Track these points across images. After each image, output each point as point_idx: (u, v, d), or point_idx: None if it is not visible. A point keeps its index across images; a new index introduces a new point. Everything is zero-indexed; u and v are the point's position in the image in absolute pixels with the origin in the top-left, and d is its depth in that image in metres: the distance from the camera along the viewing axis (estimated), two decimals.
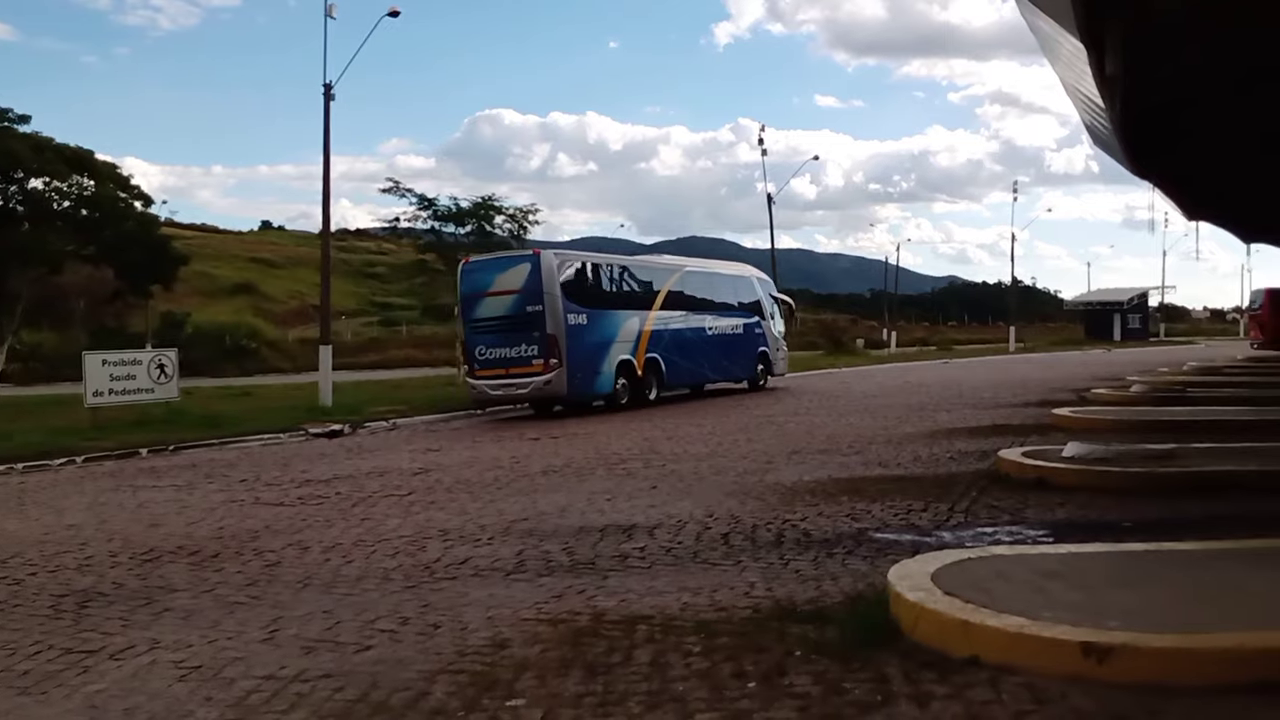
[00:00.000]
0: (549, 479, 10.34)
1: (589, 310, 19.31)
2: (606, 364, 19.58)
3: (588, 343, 19.09)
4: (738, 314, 24.47)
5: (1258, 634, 4.11)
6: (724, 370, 23.84)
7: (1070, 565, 5.38)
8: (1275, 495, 8.22)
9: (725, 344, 23.63)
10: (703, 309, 23.06)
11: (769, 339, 25.56)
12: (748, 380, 24.62)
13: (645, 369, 20.57)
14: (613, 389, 19.76)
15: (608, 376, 19.62)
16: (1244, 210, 31.11)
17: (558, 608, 5.47)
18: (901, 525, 7.50)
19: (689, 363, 22.12)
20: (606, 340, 19.68)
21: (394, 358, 44.88)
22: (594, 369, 19.29)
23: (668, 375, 21.34)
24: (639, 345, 20.49)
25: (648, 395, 20.68)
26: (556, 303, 18.43)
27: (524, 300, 18.58)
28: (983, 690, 3.99)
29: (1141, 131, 15.84)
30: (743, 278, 25.88)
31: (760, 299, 25.69)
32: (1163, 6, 11.01)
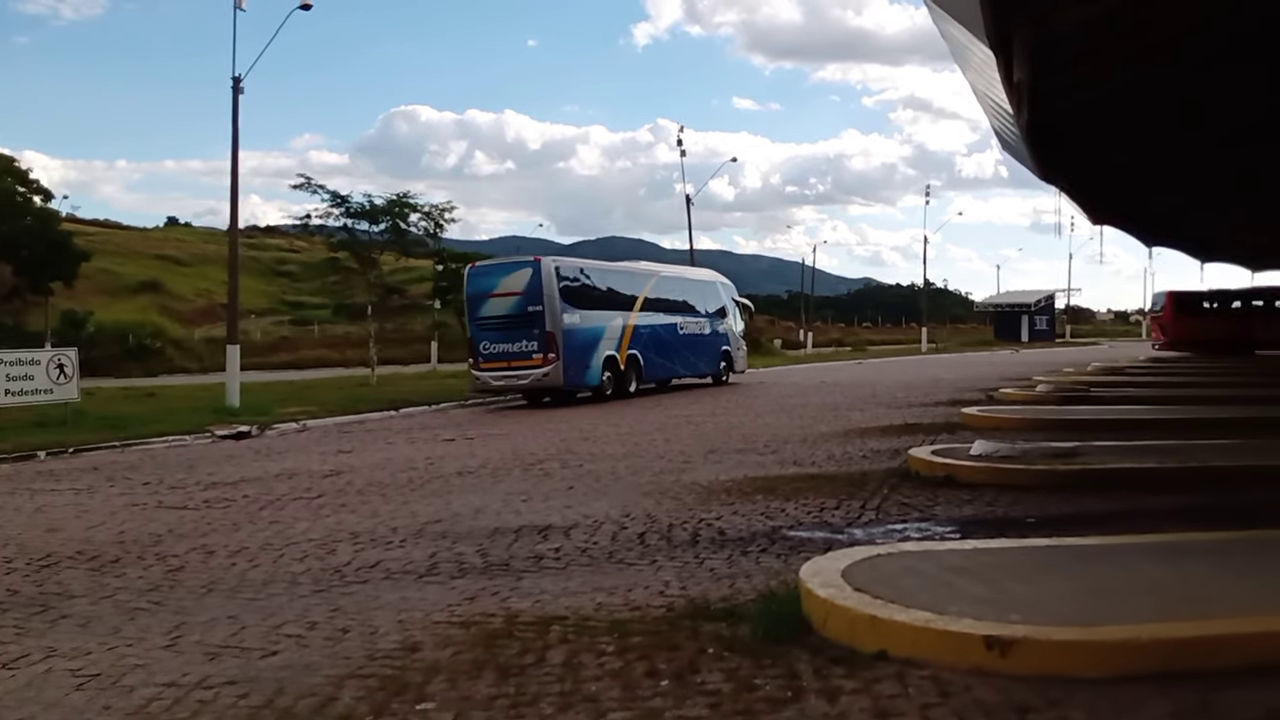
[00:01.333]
0: (464, 480, 10.23)
1: (581, 311, 21.49)
2: (595, 359, 21.81)
3: (580, 340, 21.30)
4: (704, 315, 26.67)
5: (1153, 626, 4.24)
6: (693, 366, 25.91)
7: (976, 560, 5.50)
8: (1171, 491, 8.53)
9: (694, 342, 25.88)
10: (675, 311, 25.32)
11: (731, 338, 27.87)
12: (712, 376, 26.75)
13: (627, 364, 22.89)
14: (600, 381, 21.96)
15: (596, 370, 21.82)
16: (1145, 215, 32.25)
17: (470, 610, 5.41)
18: (815, 523, 7.59)
19: (663, 359, 24.38)
20: (596, 338, 21.91)
21: (306, 358, 44.06)
22: (585, 363, 21.49)
23: (646, 370, 23.64)
24: (622, 343, 22.80)
25: (628, 388, 22.93)
26: (555, 304, 20.61)
27: (526, 301, 20.75)
28: (890, 684, 4.06)
29: (1047, 137, 16.29)
30: (709, 282, 28.23)
31: (724, 302, 27.92)
32: (1069, 16, 11.34)
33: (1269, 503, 7.90)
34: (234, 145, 21.07)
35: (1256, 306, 42.13)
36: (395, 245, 28.98)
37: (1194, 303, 42.34)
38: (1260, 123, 17.78)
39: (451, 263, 35.31)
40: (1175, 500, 8.13)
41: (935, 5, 12.64)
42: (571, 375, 21.03)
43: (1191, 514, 7.45)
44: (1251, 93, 15.93)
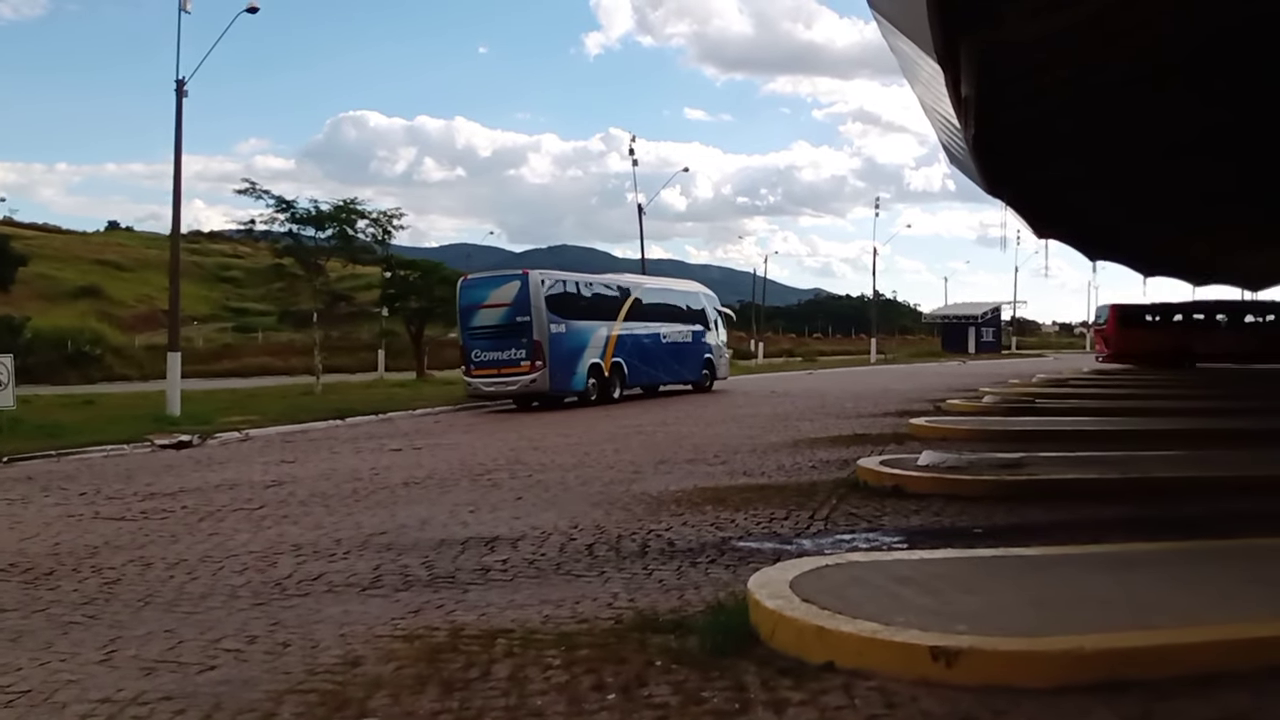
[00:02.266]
0: (410, 491, 10.09)
1: (567, 321, 22.81)
2: (580, 366, 23.13)
3: (566, 348, 22.65)
4: (688, 325, 27.96)
5: (1097, 636, 4.27)
6: (676, 373, 27.21)
7: (922, 570, 5.52)
8: (1115, 502, 8.65)
9: (678, 350, 27.24)
10: (659, 320, 26.63)
11: (714, 347, 29.05)
12: (694, 383, 27.91)
13: (611, 371, 24.17)
14: (585, 387, 23.26)
15: (581, 377, 23.13)
16: (1088, 229, 32.89)
17: (415, 623, 5.32)
18: (764, 533, 7.58)
19: (647, 366, 25.67)
20: (580, 346, 23.24)
21: (249, 365, 43.38)
22: (570, 370, 22.81)
23: (630, 377, 24.91)
24: (606, 351, 24.10)
25: (613, 394, 24.10)
26: (541, 314, 21.99)
27: (514, 312, 22.15)
28: (837, 695, 4.04)
29: (993, 151, 16.56)
30: (691, 293, 29.56)
31: (706, 312, 29.12)
32: (1015, 33, 11.53)
33: (1210, 514, 8.04)
34: (177, 149, 20.71)
35: (1197, 320, 43.06)
36: (342, 252, 28.72)
37: (1136, 316, 43.17)
38: (1197, 141, 18.22)
39: (400, 270, 35.01)
40: (1119, 511, 8.24)
41: (884, 20, 12.79)
42: (557, 381, 22.33)
43: (1134, 525, 7.56)
44: (1187, 114, 16.34)
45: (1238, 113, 16.28)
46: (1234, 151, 19.33)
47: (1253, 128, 17.44)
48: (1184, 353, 40.67)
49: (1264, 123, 17.06)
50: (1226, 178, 22.37)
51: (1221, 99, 15.37)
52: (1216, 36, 12.80)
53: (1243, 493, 9.15)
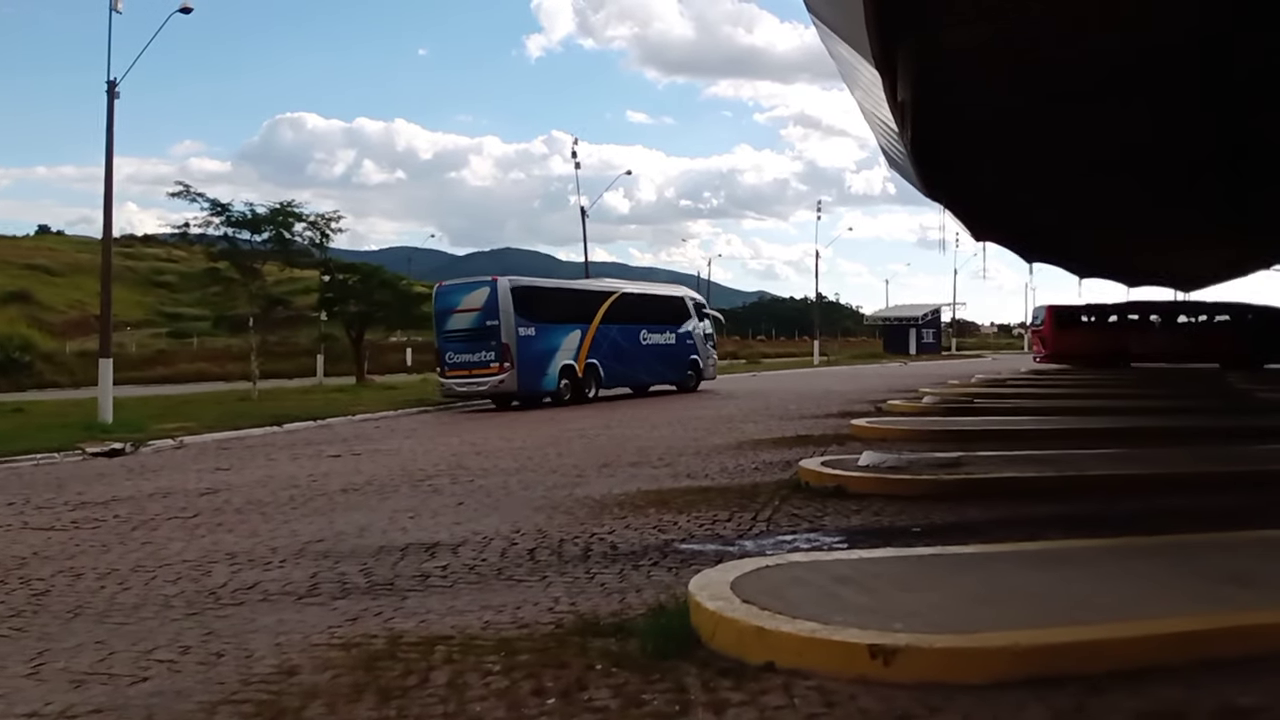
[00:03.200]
0: (348, 497, 9.94)
1: (537, 324, 23.83)
2: (552, 367, 24.19)
3: (535, 350, 23.69)
4: (670, 327, 28.78)
5: (1031, 632, 4.33)
6: (658, 374, 28.24)
7: (862, 570, 5.55)
8: (1050, 500, 8.79)
9: (659, 352, 28.17)
10: (638, 323, 27.40)
11: (700, 349, 29.96)
12: (679, 383, 28.87)
13: (585, 372, 25.18)
14: (557, 387, 24.30)
15: (553, 377, 24.20)
16: (1024, 232, 33.51)
17: (352, 631, 5.24)
18: (706, 536, 7.59)
19: (625, 367, 26.66)
20: (552, 349, 24.26)
21: (184, 371, 42.49)
22: (541, 371, 23.86)
23: (606, 378, 25.95)
24: (580, 353, 25.05)
25: (587, 394, 25.17)
26: (510, 318, 23.07)
27: (484, 316, 23.27)
28: (777, 695, 4.05)
29: (931, 155, 16.81)
30: (675, 297, 30.47)
31: (691, 315, 29.90)
32: (951, 40, 11.71)
33: (1143, 510, 8.21)
34: (109, 151, 20.21)
35: (1131, 321, 44.04)
36: (279, 255, 28.29)
37: (1072, 317, 44.04)
38: (1122, 151, 18.66)
39: (338, 273, 34.57)
40: (1054, 508, 8.37)
41: (824, 26, 12.91)
42: (526, 382, 23.44)
43: (1069, 522, 7.69)
44: (1111, 126, 16.74)
45: (1157, 126, 16.72)
46: (1157, 162, 19.84)
47: (1173, 141, 17.93)
48: (1119, 353, 41.57)
49: (1182, 136, 17.55)
50: (1152, 186, 22.95)
51: (1142, 113, 15.78)
52: (1139, 56, 13.15)
53: (1175, 490, 9.36)
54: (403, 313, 36.47)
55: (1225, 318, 43.61)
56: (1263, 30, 12.14)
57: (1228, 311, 43.95)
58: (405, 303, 36.16)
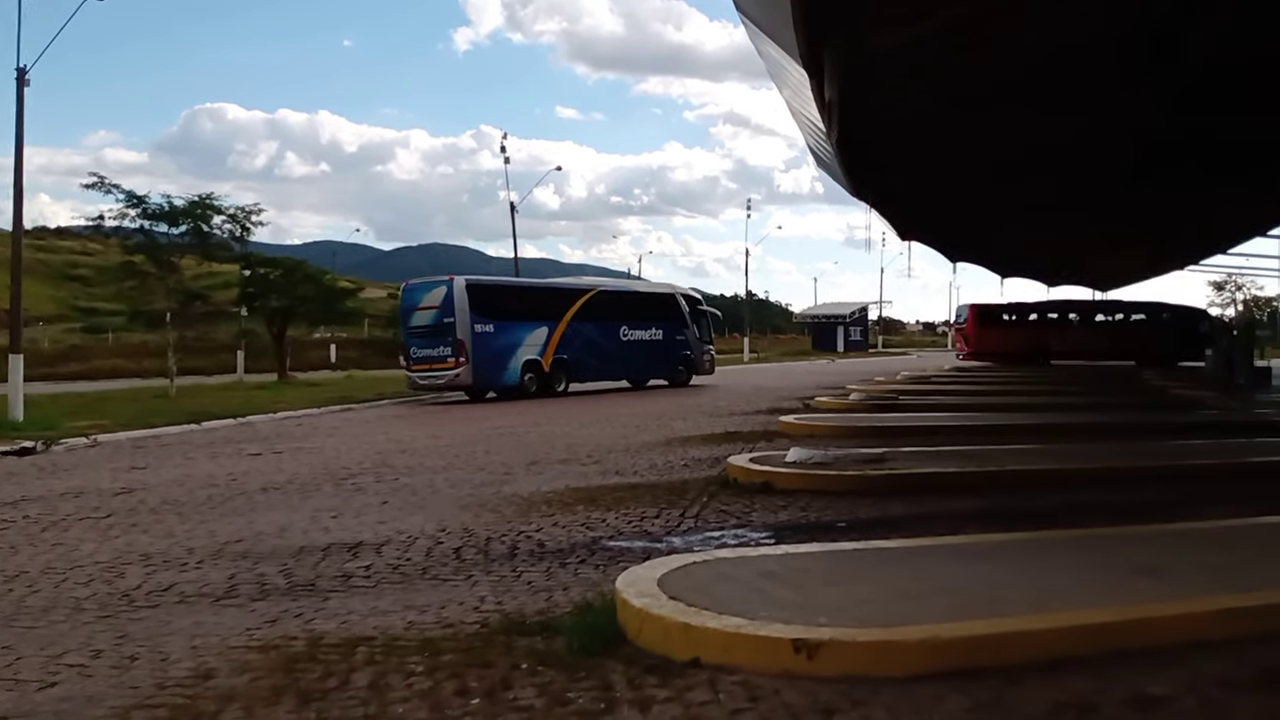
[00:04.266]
0: (269, 497, 9.72)
1: (496, 321, 24.95)
2: (513, 362, 25.34)
3: (494, 346, 24.84)
4: (658, 324, 29.48)
5: (951, 625, 4.40)
6: (642, 369, 29.17)
7: (788, 565, 5.59)
8: (971, 494, 8.96)
9: (644, 348, 28.96)
10: (619, 320, 28.27)
11: (692, 346, 30.64)
12: (669, 378, 29.70)
13: (553, 367, 26.14)
14: (521, 381, 25.40)
15: (514, 371, 25.35)
16: (947, 232, 34.08)
17: (271, 633, 5.12)
18: (635, 532, 7.58)
19: (600, 363, 27.49)
20: (512, 344, 25.38)
21: (99, 368, 41.26)
22: (500, 366, 25.06)
23: (579, 373, 26.91)
24: (547, 348, 26.04)
25: (556, 388, 26.22)
26: (465, 316, 24.25)
27: (441, 314, 24.53)
28: (702, 691, 4.05)
29: (856, 155, 16.99)
30: (664, 294, 31.42)
31: (684, 312, 30.53)
32: (875, 42, 11.82)
33: (1061, 505, 8.41)
34: (18, 141, 19.49)
35: (1051, 319, 45.16)
36: (198, 249, 27.66)
37: (994, 315, 45.02)
38: (1040, 152, 19.07)
39: (260, 267, 33.86)
40: (975, 503, 8.53)
41: (752, 25, 12.97)
42: (482, 376, 24.63)
43: (989, 516, 7.84)
44: (1029, 127, 17.09)
45: (1074, 127, 17.11)
46: (1074, 164, 20.32)
47: (1089, 144, 18.37)
48: (1039, 350, 42.61)
49: (1098, 140, 17.99)
50: (1070, 188, 23.50)
51: (1058, 114, 16.14)
52: (1052, 60, 13.44)
53: (1091, 484, 9.63)
54: (326, 308, 35.88)
55: (1141, 316, 44.97)
56: (1179, 34, 12.49)
57: (1144, 311, 45.32)
58: (329, 298, 35.58)
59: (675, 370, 29.88)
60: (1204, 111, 15.60)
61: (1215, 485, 9.57)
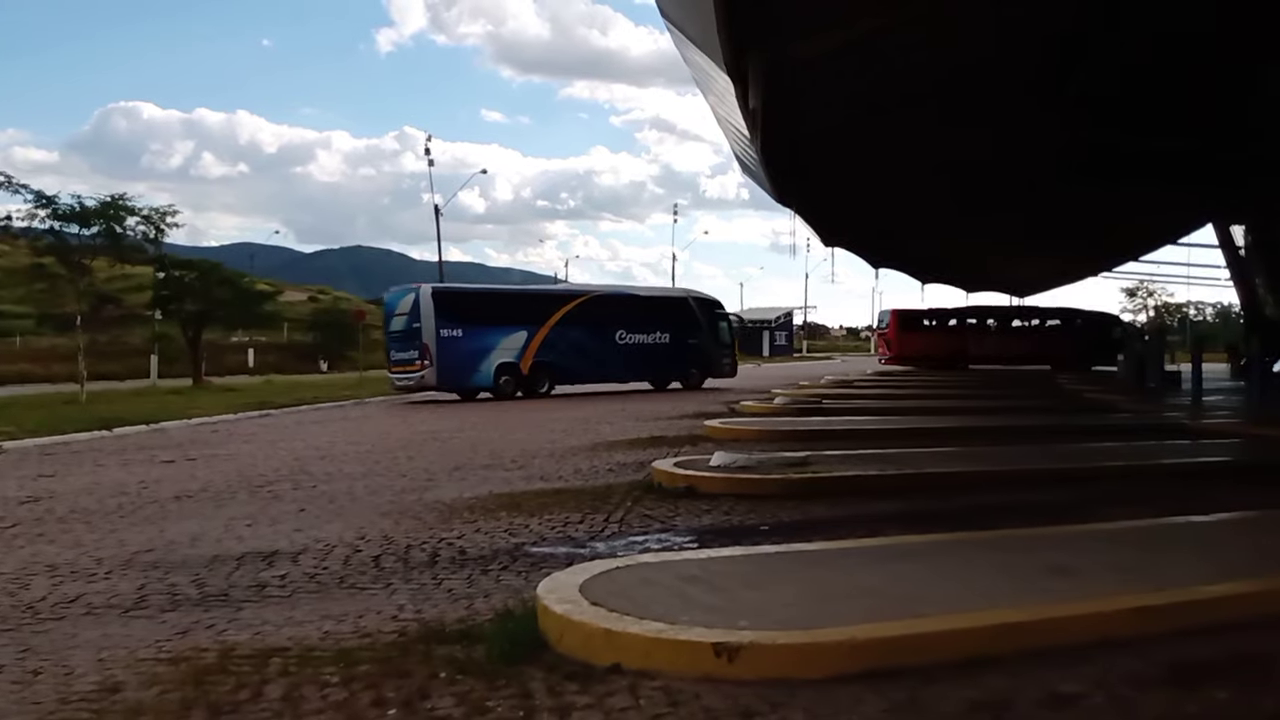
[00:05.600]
0: (182, 505, 9.45)
1: (465, 326, 26.23)
2: (485, 365, 26.49)
3: (462, 350, 26.09)
4: (664, 329, 30.26)
5: (868, 626, 4.44)
6: (643, 373, 29.92)
7: (710, 569, 5.60)
8: (892, 497, 9.08)
9: (646, 352, 29.70)
10: (614, 324, 29.09)
11: (706, 348, 31.35)
12: (681, 380, 30.44)
13: (533, 370, 27.16)
14: (496, 384, 26.61)
15: (486, 374, 26.53)
16: (869, 239, 34.70)
17: (181, 645, 4.97)
18: (558, 538, 7.53)
19: (591, 366, 28.21)
20: (484, 348, 26.54)
21: (6, 373, 39.69)
22: (470, 368, 26.29)
23: (562, 375, 27.81)
24: (526, 352, 27.07)
25: (539, 389, 27.25)
26: (430, 321, 25.71)
27: (410, 319, 26.08)
28: (622, 697, 4.03)
29: (780, 162, 17.21)
30: (673, 299, 32.34)
31: (696, 316, 31.30)
32: (797, 51, 11.98)
33: (976, 506, 8.58)
34: None
35: (970, 324, 46.19)
36: (110, 251, 26.96)
37: (915, 321, 45.91)
38: (954, 161, 19.53)
39: (175, 270, 33.07)
40: (896, 505, 8.65)
41: (678, 32, 13.06)
42: (447, 378, 26.08)
43: (909, 518, 7.95)
44: (943, 136, 17.51)
45: (987, 137, 17.56)
46: (990, 173, 20.85)
47: (1004, 153, 18.86)
48: (958, 355, 43.55)
49: (1012, 149, 18.49)
50: (985, 196, 24.09)
51: (970, 125, 16.56)
52: (964, 72, 13.79)
53: (1007, 486, 9.82)
54: (244, 311, 35.20)
55: (1056, 322, 46.24)
56: (1084, 52, 12.89)
57: (1059, 316, 46.60)
58: (246, 301, 34.91)
59: (686, 373, 30.52)
60: (1112, 125, 16.13)
61: (1127, 486, 9.83)
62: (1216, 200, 25.93)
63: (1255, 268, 31.95)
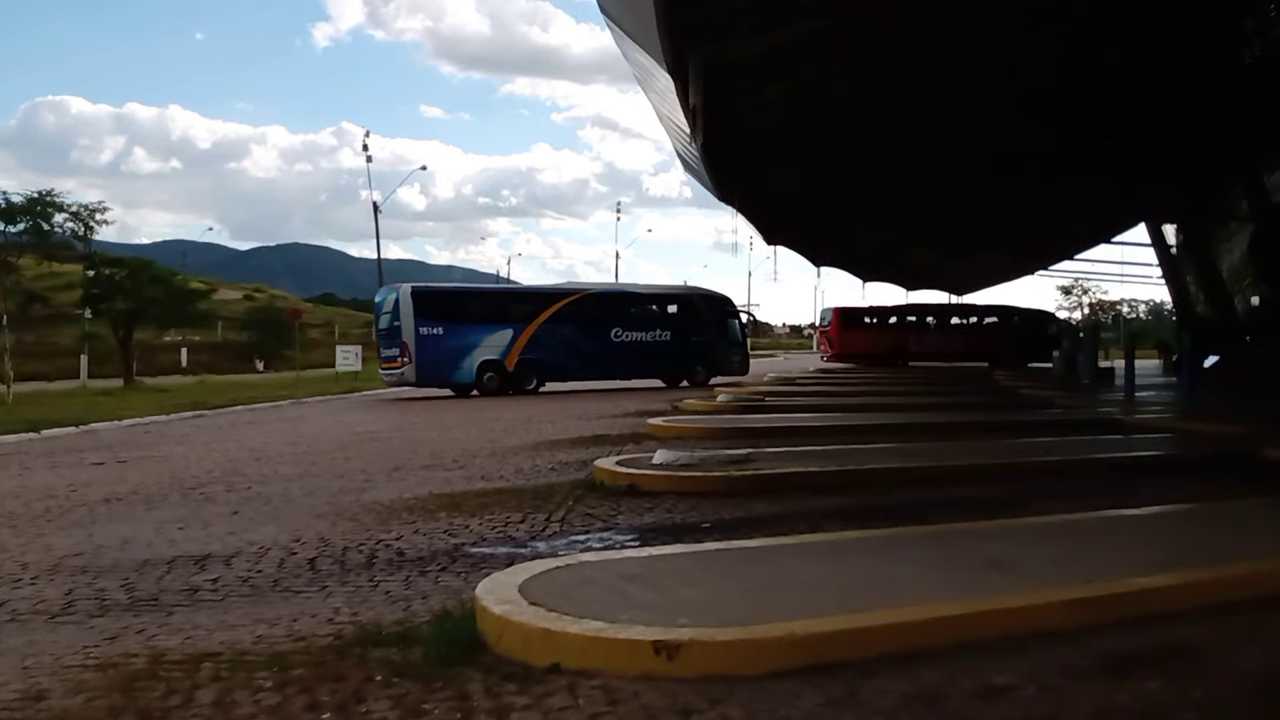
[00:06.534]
0: (111, 508, 9.21)
1: (446, 324, 26.70)
2: (467, 362, 26.93)
3: (442, 347, 26.53)
4: (667, 326, 30.41)
5: (806, 622, 4.46)
6: (643, 370, 29.76)
7: (651, 567, 5.59)
8: (832, 493, 9.16)
9: (644, 349, 29.60)
10: (610, 322, 29.29)
11: (713, 345, 31.18)
12: (687, 377, 30.14)
13: (519, 367, 27.46)
14: (479, 380, 27.00)
15: (468, 371, 26.96)
16: (810, 237, 35.00)
17: (110, 651, 4.84)
18: (499, 538, 7.47)
19: (583, 363, 28.43)
20: (466, 346, 26.95)
21: None
22: (450, 365, 26.76)
23: (551, 373, 28.05)
24: (511, 350, 27.38)
25: (526, 386, 27.55)
26: (409, 320, 26.29)
27: (392, 318, 26.78)
28: (561, 697, 4.01)
29: (722, 160, 17.27)
30: (678, 297, 32.20)
31: (702, 314, 31.24)
32: (739, 49, 12.04)
33: (916, 501, 8.68)
34: None
35: (910, 322, 46.81)
36: (37, 248, 26.35)
37: (857, 319, 46.40)
38: (891, 163, 19.78)
39: (105, 268, 32.30)
40: (836, 501, 8.72)
41: (619, 30, 13.03)
42: (426, 375, 26.56)
43: (849, 514, 8.03)
44: (881, 138, 17.72)
45: (925, 138, 17.80)
46: (929, 172, 21.13)
47: (941, 154, 19.14)
48: (899, 352, 44.10)
49: (950, 150, 18.77)
50: (924, 196, 24.44)
51: (907, 128, 16.78)
52: (903, 70, 13.97)
53: (945, 481, 9.96)
54: (176, 310, 34.49)
55: (994, 320, 47.03)
56: (1023, 57, 13.11)
57: (996, 314, 47.41)
58: (179, 300, 34.22)
59: (691, 369, 30.35)
60: (1049, 126, 16.43)
61: (1062, 481, 10.02)
62: (1149, 200, 26.58)
63: (1186, 266, 32.80)
